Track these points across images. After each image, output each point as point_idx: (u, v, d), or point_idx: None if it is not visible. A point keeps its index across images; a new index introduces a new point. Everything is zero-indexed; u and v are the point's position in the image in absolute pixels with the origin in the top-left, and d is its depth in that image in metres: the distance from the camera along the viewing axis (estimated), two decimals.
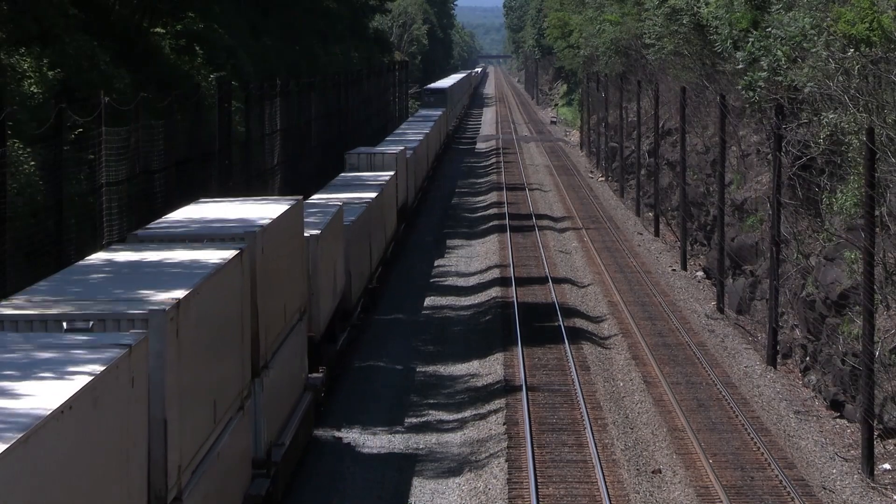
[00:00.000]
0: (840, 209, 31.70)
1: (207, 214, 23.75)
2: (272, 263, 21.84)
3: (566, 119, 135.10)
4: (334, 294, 31.10)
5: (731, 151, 43.90)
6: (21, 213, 22.92)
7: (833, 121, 31.57)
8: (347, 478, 25.33)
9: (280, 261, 22.90)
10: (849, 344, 29.03)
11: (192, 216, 23.56)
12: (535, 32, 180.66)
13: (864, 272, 25.88)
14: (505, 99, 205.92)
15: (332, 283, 30.65)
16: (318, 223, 29.47)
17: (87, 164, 26.46)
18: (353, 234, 34.84)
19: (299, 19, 62.87)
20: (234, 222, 22.43)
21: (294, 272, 24.82)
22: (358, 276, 35.83)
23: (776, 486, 24.38)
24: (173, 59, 39.26)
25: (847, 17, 31.52)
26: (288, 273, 23.84)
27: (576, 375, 32.21)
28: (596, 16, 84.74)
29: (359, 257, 36.22)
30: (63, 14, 31.70)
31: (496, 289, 44.58)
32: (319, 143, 57.99)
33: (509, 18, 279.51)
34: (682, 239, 49.11)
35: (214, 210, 24.46)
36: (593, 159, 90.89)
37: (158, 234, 21.28)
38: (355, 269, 35.08)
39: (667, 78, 59.98)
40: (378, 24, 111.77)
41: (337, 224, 31.88)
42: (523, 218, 62.19)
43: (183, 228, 22.10)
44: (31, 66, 27.59)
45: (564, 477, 24.93)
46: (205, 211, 24.31)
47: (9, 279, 21.67)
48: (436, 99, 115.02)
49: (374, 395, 31.60)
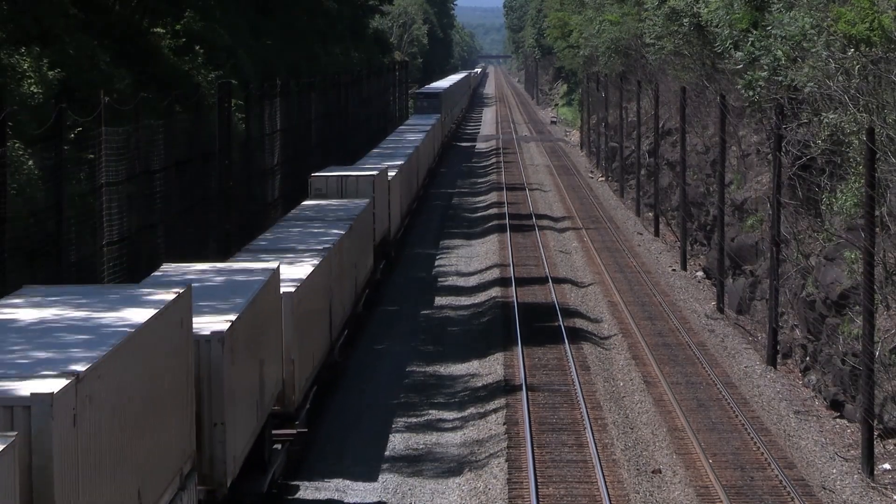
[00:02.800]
0: (840, 209, 31.69)
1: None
2: (105, 430, 14.05)
3: (566, 119, 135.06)
4: (259, 407, 21.63)
5: (731, 151, 43.89)
6: (21, 213, 22.92)
7: (833, 121, 31.56)
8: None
9: (123, 415, 14.71)
10: (849, 344, 29.02)
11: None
12: (535, 32, 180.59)
13: (864, 272, 25.87)
14: (505, 99, 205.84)
15: (255, 393, 21.40)
16: (228, 309, 20.10)
17: (87, 164, 26.46)
18: (299, 304, 24.82)
19: (299, 19, 62.86)
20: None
21: (165, 415, 16.60)
22: (306, 358, 25.82)
23: (776, 486, 24.38)
24: (173, 59, 39.25)
25: (847, 17, 31.52)
26: (151, 425, 15.82)
27: (576, 375, 32.20)
28: (596, 16, 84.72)
29: (309, 332, 26.44)
30: (63, 14, 31.70)
31: (496, 289, 44.58)
32: (319, 143, 57.99)
33: (509, 18, 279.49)
34: (682, 239, 49.11)
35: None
36: (593, 159, 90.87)
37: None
38: (303, 351, 25.28)
39: (667, 78, 59.98)
40: (378, 25, 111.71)
41: (265, 302, 22.27)
42: (523, 218, 62.17)
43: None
44: (31, 66, 27.59)
45: (564, 477, 24.93)
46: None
47: (9, 279, 21.68)
48: (429, 104, 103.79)
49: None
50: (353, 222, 35.02)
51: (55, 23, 30.55)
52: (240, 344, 19.84)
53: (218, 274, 23.27)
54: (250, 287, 21.79)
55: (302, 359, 25.07)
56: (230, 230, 36.68)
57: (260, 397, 21.66)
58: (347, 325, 33.67)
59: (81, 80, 29.57)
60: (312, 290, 26.76)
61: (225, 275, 23.15)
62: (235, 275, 23.19)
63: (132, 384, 14.90)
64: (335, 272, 30.66)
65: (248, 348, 20.65)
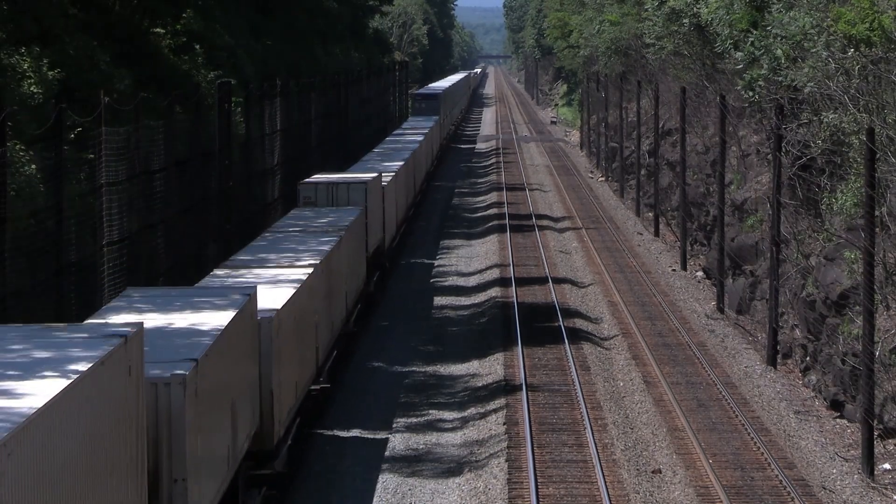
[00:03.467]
0: (840, 209, 31.70)
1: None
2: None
3: (566, 119, 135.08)
4: (231, 452, 18.91)
5: (731, 151, 43.90)
6: (21, 213, 22.92)
7: (833, 121, 31.57)
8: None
9: (53, 486, 12.23)
10: (849, 344, 29.03)
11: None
12: (535, 32, 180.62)
13: (864, 272, 25.87)
14: (505, 99, 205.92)
15: (226, 437, 18.70)
16: (190, 347, 17.25)
17: (87, 164, 26.45)
18: (279, 330, 22.17)
19: (299, 19, 62.87)
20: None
21: (111, 479, 13.97)
22: (287, 389, 23.24)
23: (776, 486, 24.39)
24: (173, 59, 39.25)
25: (847, 18, 31.52)
26: (91, 492, 13.25)
27: (576, 375, 32.21)
28: (596, 16, 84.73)
29: (291, 359, 23.73)
30: (63, 14, 31.70)
31: (496, 289, 44.58)
32: (319, 143, 57.99)
33: (509, 19, 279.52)
34: (682, 239, 49.11)
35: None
36: (593, 159, 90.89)
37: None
38: (284, 381, 22.71)
39: (667, 78, 59.99)
40: (378, 25, 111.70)
41: (238, 332, 19.52)
42: (523, 218, 62.18)
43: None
44: (31, 66, 27.57)
45: (564, 477, 24.93)
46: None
47: (9, 279, 21.68)
48: (427, 105, 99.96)
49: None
50: (343, 235, 32.44)
51: (55, 23, 30.54)
52: (206, 384, 17.05)
53: (185, 301, 20.38)
54: (219, 318, 18.83)
55: (283, 390, 22.48)
56: (231, 230, 36.69)
57: (232, 441, 18.93)
58: (337, 344, 31.20)
59: (81, 80, 29.57)
60: (295, 313, 24.09)
61: (191, 304, 20.15)
62: (204, 302, 20.28)
63: (65, 449, 12.34)
64: (322, 291, 28.11)
65: (217, 387, 17.92)
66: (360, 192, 39.91)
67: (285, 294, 23.66)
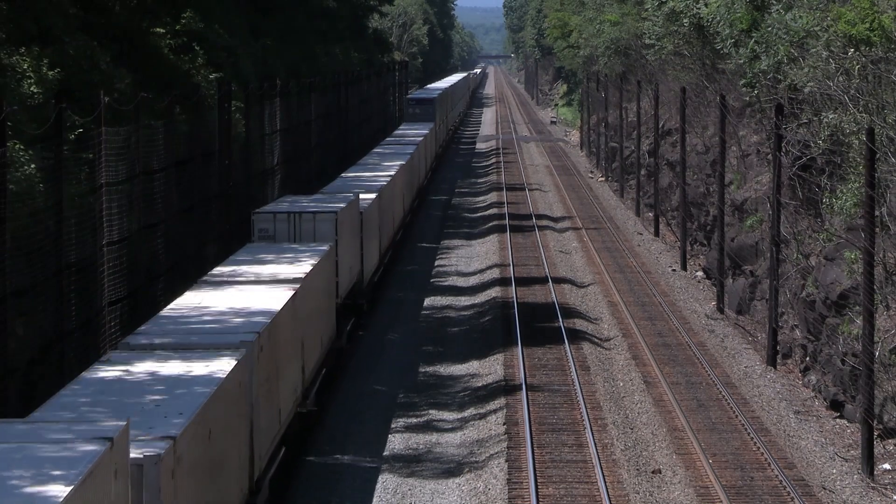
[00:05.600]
0: (840, 209, 31.71)
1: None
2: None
3: (566, 119, 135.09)
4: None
5: (731, 151, 43.90)
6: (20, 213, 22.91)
7: (833, 121, 31.58)
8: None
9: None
10: (849, 344, 29.03)
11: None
12: (535, 32, 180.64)
13: (864, 272, 25.88)
14: (505, 99, 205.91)
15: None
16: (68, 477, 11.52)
17: (87, 164, 26.43)
18: (180, 460, 15.15)
19: (299, 19, 62.86)
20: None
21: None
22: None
23: (776, 486, 24.39)
24: (173, 59, 39.25)
25: (847, 18, 31.54)
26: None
27: (576, 375, 32.21)
28: (596, 16, 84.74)
29: (201, 484, 16.35)
30: (63, 14, 31.69)
31: (496, 289, 44.57)
32: (319, 144, 58.00)
33: (509, 19, 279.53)
34: (682, 239, 49.12)
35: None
36: (593, 159, 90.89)
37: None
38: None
39: (667, 78, 60.00)
40: (378, 25, 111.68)
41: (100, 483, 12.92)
42: (523, 218, 62.18)
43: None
44: (30, 66, 27.57)
45: (564, 477, 24.93)
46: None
47: (9, 279, 21.67)
48: (421, 111, 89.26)
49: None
50: (301, 284, 24.87)
51: (55, 23, 30.53)
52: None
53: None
54: (85, 460, 12.19)
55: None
56: (230, 230, 36.68)
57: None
58: (290, 429, 23.81)
59: (81, 80, 29.55)
60: (217, 416, 17.00)
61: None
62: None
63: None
64: (263, 372, 20.40)
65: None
66: (328, 224, 32.52)
67: (197, 402, 16.18)
